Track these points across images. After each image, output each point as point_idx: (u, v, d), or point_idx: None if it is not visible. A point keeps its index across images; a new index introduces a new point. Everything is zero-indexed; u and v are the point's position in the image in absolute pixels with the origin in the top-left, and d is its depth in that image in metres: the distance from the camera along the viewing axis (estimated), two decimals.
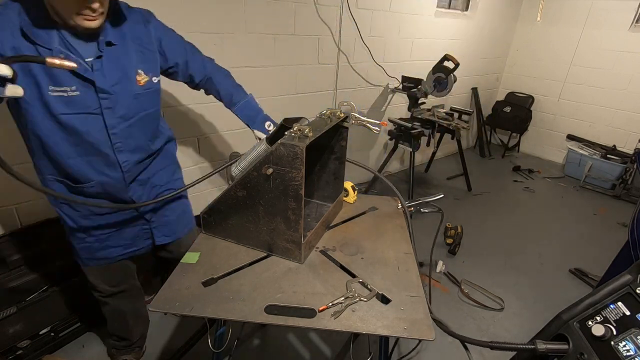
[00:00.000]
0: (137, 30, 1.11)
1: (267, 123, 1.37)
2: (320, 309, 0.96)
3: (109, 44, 1.04)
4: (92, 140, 1.07)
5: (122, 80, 1.07)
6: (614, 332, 0.79)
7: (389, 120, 3.14)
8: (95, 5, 0.94)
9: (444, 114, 3.24)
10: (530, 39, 4.58)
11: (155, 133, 1.26)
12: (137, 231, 1.35)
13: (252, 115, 1.38)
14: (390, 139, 3.25)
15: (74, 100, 1.01)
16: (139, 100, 1.13)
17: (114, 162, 1.14)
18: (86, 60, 1.02)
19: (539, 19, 3.68)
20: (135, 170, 1.22)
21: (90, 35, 1.02)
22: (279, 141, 0.98)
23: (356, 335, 1.51)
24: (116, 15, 1.06)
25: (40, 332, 1.68)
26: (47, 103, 0.98)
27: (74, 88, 1.00)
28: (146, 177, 1.27)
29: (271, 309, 0.95)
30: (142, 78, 1.12)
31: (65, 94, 0.99)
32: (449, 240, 2.70)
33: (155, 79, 1.17)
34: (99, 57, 1.03)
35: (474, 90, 4.54)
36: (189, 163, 2.31)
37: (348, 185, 1.50)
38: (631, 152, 3.83)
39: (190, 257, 1.13)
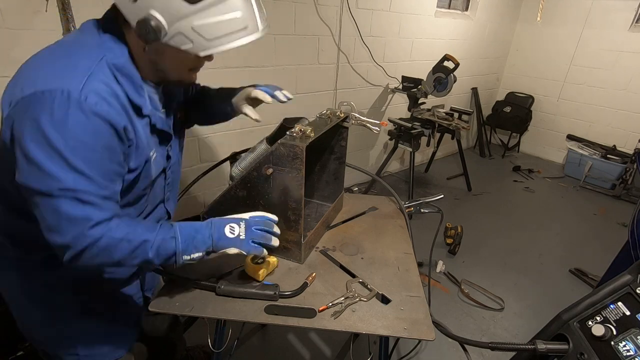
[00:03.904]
0: None
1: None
2: (320, 309, 0.96)
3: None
4: (151, 200, 0.95)
5: (176, 124, 0.97)
6: (614, 332, 0.79)
7: (389, 120, 3.14)
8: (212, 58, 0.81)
9: (444, 114, 3.25)
10: (530, 39, 4.58)
11: None
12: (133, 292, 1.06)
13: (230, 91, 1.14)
14: (390, 139, 3.25)
15: (156, 162, 0.88)
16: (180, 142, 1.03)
17: (164, 214, 1.04)
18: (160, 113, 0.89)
19: (539, 19, 3.68)
20: None
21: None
22: (279, 141, 0.98)
23: (356, 336, 1.51)
24: None
25: None
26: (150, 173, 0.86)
27: (153, 150, 0.86)
28: None
29: (271, 309, 0.95)
30: (180, 115, 1.02)
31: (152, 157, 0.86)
32: (449, 240, 2.70)
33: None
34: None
35: (474, 90, 4.54)
36: (190, 163, 2.32)
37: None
38: (631, 152, 3.83)
39: None
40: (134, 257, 0.75)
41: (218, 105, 1.13)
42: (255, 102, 1.09)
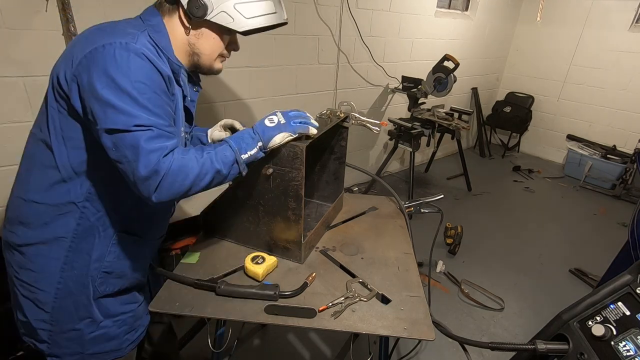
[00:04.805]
0: None
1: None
2: (320, 309, 0.96)
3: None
4: None
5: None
6: (614, 332, 0.79)
7: (389, 120, 3.14)
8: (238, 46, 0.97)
9: (444, 114, 3.25)
10: (530, 39, 4.58)
11: None
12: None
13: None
14: (390, 139, 3.25)
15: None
16: None
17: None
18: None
19: (539, 19, 3.68)
20: None
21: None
22: None
23: (356, 336, 1.51)
24: None
25: None
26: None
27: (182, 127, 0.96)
28: None
29: (271, 309, 0.95)
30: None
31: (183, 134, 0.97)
32: (449, 240, 2.70)
33: None
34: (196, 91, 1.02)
35: (474, 90, 4.54)
36: None
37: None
38: (631, 152, 3.83)
39: (191, 257, 1.13)
40: (205, 172, 0.83)
41: None
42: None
